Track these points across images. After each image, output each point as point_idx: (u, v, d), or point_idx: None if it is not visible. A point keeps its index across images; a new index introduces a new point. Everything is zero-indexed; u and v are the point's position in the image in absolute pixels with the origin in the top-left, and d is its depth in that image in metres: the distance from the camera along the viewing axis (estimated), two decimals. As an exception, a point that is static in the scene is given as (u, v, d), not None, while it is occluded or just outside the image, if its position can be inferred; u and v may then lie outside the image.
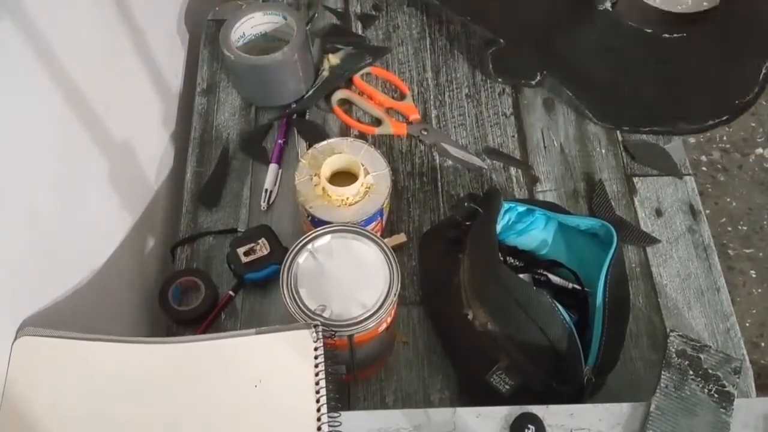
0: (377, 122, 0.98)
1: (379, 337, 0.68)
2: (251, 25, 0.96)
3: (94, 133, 0.74)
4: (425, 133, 0.95)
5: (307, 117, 0.99)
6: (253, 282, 0.83)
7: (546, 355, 0.65)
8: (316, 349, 0.59)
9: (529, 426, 0.60)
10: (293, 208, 0.90)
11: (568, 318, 0.66)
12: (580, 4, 0.84)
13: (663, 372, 0.62)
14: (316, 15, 1.08)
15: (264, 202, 0.90)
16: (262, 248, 0.82)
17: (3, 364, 0.58)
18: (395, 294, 0.63)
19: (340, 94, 0.99)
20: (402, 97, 1.00)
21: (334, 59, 1.02)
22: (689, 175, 0.93)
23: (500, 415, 0.61)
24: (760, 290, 1.61)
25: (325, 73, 1.01)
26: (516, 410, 0.61)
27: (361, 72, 1.01)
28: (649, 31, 0.76)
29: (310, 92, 0.99)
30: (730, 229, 1.69)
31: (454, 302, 0.72)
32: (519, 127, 0.97)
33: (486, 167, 0.93)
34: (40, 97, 0.63)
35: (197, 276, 0.83)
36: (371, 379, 0.78)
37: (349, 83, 1.01)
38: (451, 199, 0.91)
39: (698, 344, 0.63)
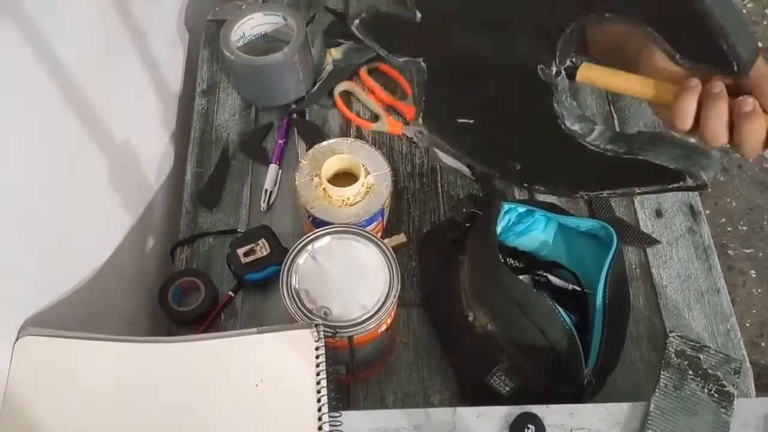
0: (375, 118, 0.98)
1: (379, 338, 0.68)
2: (251, 25, 0.96)
3: (94, 133, 0.74)
4: (420, 135, 0.95)
5: (307, 117, 0.99)
6: (252, 283, 0.83)
7: (546, 356, 0.65)
8: (317, 348, 0.59)
9: (529, 426, 0.60)
10: (293, 209, 0.90)
11: (568, 319, 0.66)
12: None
13: (662, 372, 0.62)
14: (316, 15, 1.08)
15: (264, 202, 0.90)
16: (262, 249, 0.82)
17: (5, 363, 0.58)
18: (395, 295, 0.64)
19: (343, 86, 1.00)
20: (404, 96, 1.00)
21: (336, 53, 1.02)
22: (689, 175, 0.93)
23: (500, 414, 0.62)
24: (760, 290, 1.61)
25: (329, 67, 1.01)
26: (516, 410, 0.61)
27: (369, 66, 1.01)
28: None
29: (316, 86, 0.99)
30: (729, 229, 1.69)
31: (455, 304, 0.73)
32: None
33: (472, 178, 0.92)
34: (40, 97, 0.63)
35: (197, 276, 0.83)
36: (371, 380, 0.78)
37: (355, 76, 1.01)
38: (451, 200, 0.91)
39: (697, 344, 0.63)
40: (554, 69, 0.64)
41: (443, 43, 0.71)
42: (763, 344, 1.55)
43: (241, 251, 0.82)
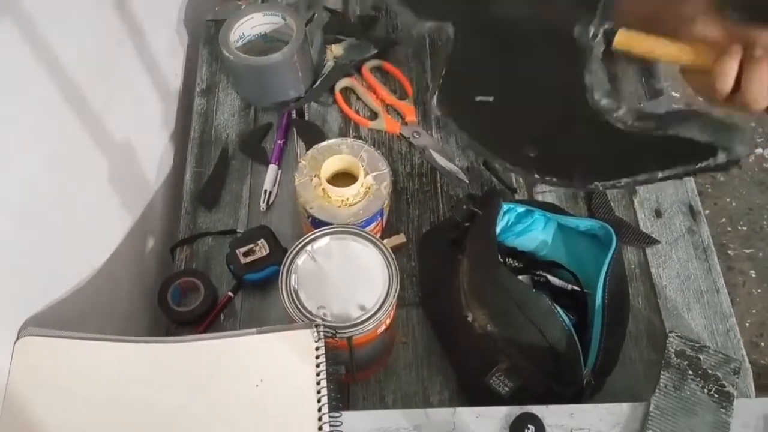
0: (374, 116, 0.98)
1: (378, 339, 0.68)
2: (251, 25, 0.96)
3: (94, 133, 0.74)
4: (417, 136, 0.95)
5: (306, 117, 0.99)
6: (252, 283, 0.83)
7: (545, 356, 0.65)
8: (317, 349, 0.59)
9: (529, 426, 0.60)
10: (292, 209, 0.90)
11: (567, 320, 0.66)
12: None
13: (662, 372, 0.62)
14: (316, 15, 1.08)
15: (263, 202, 0.90)
16: (262, 249, 0.82)
17: (5, 363, 0.58)
18: (394, 295, 0.64)
19: (344, 82, 1.00)
20: (405, 96, 1.00)
21: (337, 50, 1.02)
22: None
23: (500, 415, 0.62)
24: (759, 290, 1.61)
25: (330, 63, 1.01)
26: (516, 410, 0.61)
27: (371, 64, 1.01)
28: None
29: (317, 82, 0.99)
30: (729, 229, 1.69)
31: (454, 304, 0.72)
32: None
33: (467, 182, 0.92)
34: (39, 97, 0.63)
35: (196, 277, 0.83)
36: (371, 380, 0.78)
37: (356, 73, 1.01)
38: (450, 200, 0.91)
39: (697, 345, 0.63)
40: (592, 30, 0.63)
41: (477, 4, 0.70)
42: (762, 344, 1.55)
43: (240, 251, 0.82)
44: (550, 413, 0.61)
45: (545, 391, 0.67)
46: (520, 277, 0.74)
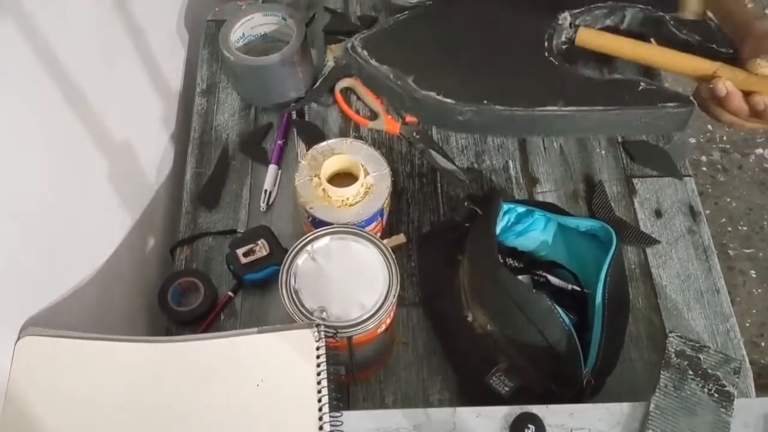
0: (374, 116, 0.98)
1: (378, 339, 0.68)
2: (251, 26, 0.96)
3: (94, 133, 0.74)
4: (417, 136, 0.95)
5: (306, 118, 0.99)
6: (252, 283, 0.83)
7: (545, 357, 0.65)
8: (318, 348, 0.59)
9: (529, 426, 0.60)
10: (292, 209, 0.90)
11: (567, 320, 0.66)
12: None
13: (662, 372, 0.62)
14: (316, 16, 1.08)
15: (263, 202, 0.90)
16: (262, 249, 0.82)
17: (6, 364, 0.58)
18: (394, 295, 0.64)
19: (345, 82, 1.00)
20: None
21: (337, 50, 1.02)
22: (689, 176, 0.93)
23: (500, 414, 0.61)
24: (760, 290, 1.61)
25: (330, 63, 1.01)
26: (516, 410, 0.61)
27: None
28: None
29: (317, 83, 0.99)
30: (730, 229, 1.69)
31: (454, 304, 0.73)
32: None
33: (467, 182, 0.92)
34: (40, 97, 0.64)
35: (197, 277, 0.83)
36: (371, 380, 0.78)
37: None
38: (450, 200, 0.91)
39: (697, 344, 0.63)
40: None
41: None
42: (763, 344, 1.55)
43: (240, 251, 0.82)
44: (550, 413, 0.61)
45: (545, 391, 0.67)
46: (520, 277, 0.75)
